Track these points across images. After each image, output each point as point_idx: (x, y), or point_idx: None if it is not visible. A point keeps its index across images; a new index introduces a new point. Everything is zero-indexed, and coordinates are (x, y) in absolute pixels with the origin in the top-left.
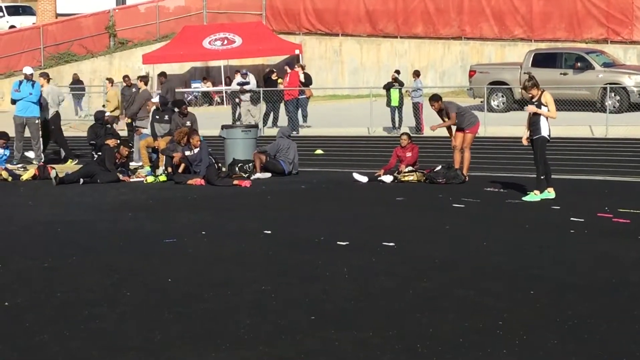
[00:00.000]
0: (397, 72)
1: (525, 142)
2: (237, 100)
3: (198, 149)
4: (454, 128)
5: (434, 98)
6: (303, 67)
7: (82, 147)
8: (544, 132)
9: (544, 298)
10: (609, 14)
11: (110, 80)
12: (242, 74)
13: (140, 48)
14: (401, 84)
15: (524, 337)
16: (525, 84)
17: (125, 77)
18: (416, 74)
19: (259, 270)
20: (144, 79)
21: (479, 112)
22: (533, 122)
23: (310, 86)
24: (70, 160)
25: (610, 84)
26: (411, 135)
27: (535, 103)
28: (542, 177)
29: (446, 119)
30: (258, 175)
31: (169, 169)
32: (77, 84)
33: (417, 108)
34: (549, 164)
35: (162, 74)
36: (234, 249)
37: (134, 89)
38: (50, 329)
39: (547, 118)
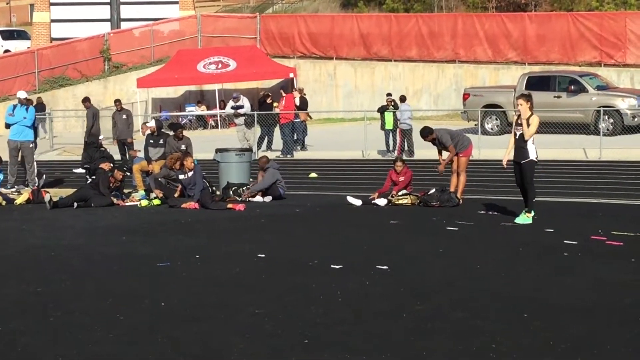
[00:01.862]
0: (389, 95)
1: (505, 165)
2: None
3: (192, 172)
4: (445, 153)
5: (424, 133)
6: (301, 91)
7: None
8: (532, 156)
9: (537, 321)
10: (602, 37)
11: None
12: (234, 98)
13: (134, 72)
14: (396, 107)
15: (517, 359)
16: (520, 94)
17: (117, 102)
18: (402, 99)
19: (252, 294)
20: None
21: (473, 135)
22: (520, 147)
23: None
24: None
25: (603, 106)
26: (404, 159)
27: (522, 124)
28: (534, 200)
29: (442, 151)
30: (260, 198)
31: (160, 194)
32: (40, 107)
33: (407, 132)
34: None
35: (86, 99)
36: (228, 272)
37: (124, 116)
38: (44, 354)
39: (533, 141)
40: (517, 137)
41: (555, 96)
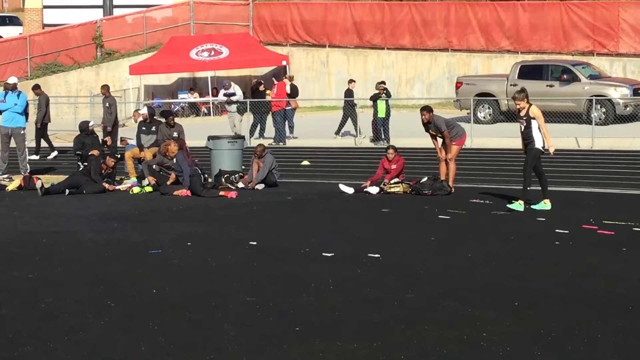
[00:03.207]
0: (382, 83)
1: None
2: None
3: (175, 159)
4: (439, 140)
5: (427, 109)
6: (291, 79)
7: (68, 157)
8: (538, 144)
9: (528, 309)
10: (595, 26)
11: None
12: (224, 86)
13: (127, 59)
14: (388, 95)
15: (507, 348)
16: (515, 95)
17: (102, 87)
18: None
19: (244, 281)
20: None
21: (466, 123)
22: (527, 136)
23: (297, 97)
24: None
25: (596, 96)
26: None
27: (524, 118)
28: (528, 188)
29: (436, 134)
30: (257, 185)
31: (152, 181)
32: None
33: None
34: (546, 176)
35: (36, 86)
36: (220, 259)
37: (106, 103)
38: (35, 340)
39: (539, 129)
40: (522, 130)
41: (547, 85)
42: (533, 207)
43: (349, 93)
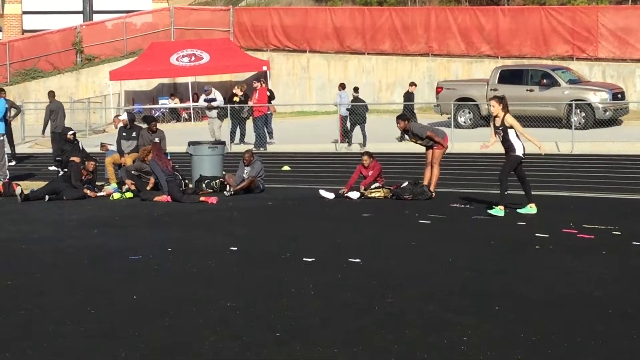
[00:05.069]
0: (355, 89)
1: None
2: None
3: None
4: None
5: (402, 117)
6: (262, 83)
7: (47, 163)
8: (519, 151)
9: (508, 314)
10: (574, 31)
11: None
12: (205, 91)
13: (107, 64)
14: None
15: (487, 352)
16: (494, 97)
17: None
18: (341, 86)
19: (224, 287)
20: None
21: (446, 128)
22: (505, 141)
23: (274, 102)
24: None
25: (575, 100)
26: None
27: (501, 128)
28: (505, 193)
29: (416, 141)
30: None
31: (132, 186)
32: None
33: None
34: (528, 180)
35: (51, 94)
36: (200, 265)
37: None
38: (14, 347)
39: (517, 136)
40: (501, 140)
41: (527, 90)
42: (519, 210)
43: (408, 97)
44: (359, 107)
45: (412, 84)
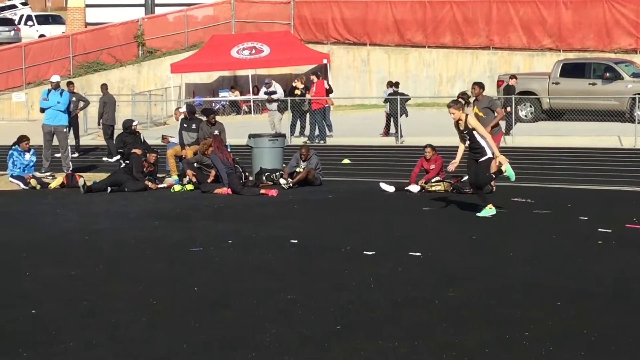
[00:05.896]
0: (392, 83)
1: (452, 169)
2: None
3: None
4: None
5: (478, 84)
6: (318, 77)
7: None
8: (489, 153)
9: (571, 309)
10: (638, 23)
11: None
12: (266, 84)
13: (168, 57)
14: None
15: (550, 348)
16: (450, 103)
17: (70, 84)
18: (389, 84)
19: (285, 279)
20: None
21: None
22: (473, 143)
23: (334, 95)
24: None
25: (639, 94)
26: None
27: (466, 132)
28: (487, 193)
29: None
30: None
31: (193, 178)
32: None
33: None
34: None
35: (104, 86)
36: (260, 257)
37: (73, 98)
38: (76, 337)
39: (483, 138)
40: (469, 142)
41: (590, 83)
42: (478, 214)
43: (508, 90)
44: (395, 100)
45: (513, 76)
